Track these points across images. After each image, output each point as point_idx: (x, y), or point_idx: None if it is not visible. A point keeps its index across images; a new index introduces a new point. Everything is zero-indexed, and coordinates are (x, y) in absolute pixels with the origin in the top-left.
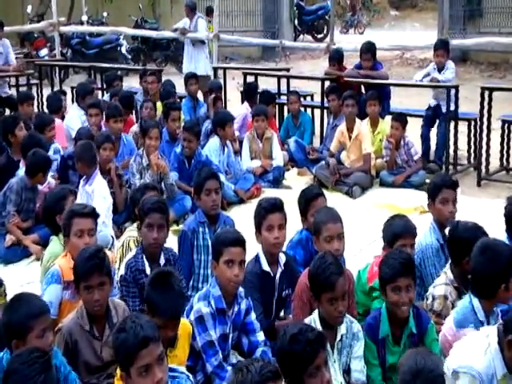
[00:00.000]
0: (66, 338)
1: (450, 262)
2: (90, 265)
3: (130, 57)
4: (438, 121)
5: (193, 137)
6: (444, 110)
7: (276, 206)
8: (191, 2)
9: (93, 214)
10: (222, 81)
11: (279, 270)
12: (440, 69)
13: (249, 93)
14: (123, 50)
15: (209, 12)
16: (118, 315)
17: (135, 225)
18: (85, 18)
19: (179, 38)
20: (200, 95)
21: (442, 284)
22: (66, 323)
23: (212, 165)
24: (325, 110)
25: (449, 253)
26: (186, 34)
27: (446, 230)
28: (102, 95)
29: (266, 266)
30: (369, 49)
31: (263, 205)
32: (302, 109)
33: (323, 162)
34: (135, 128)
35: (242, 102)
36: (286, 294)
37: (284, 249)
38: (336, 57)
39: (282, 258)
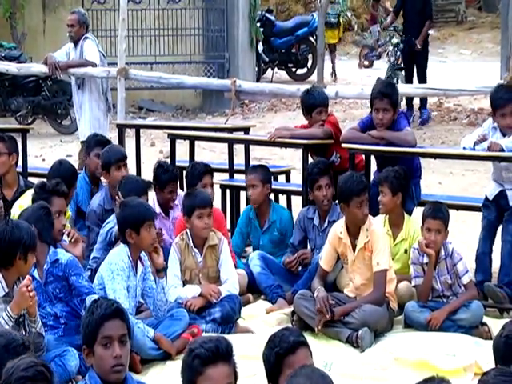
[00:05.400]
0: None
1: None
2: None
3: None
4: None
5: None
6: None
7: (220, 353)
8: (80, 11)
9: None
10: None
11: None
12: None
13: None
14: None
15: None
16: None
17: None
18: None
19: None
20: None
21: None
22: None
23: (76, 281)
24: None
25: None
26: (63, 70)
27: None
28: None
29: None
30: (387, 93)
31: (198, 351)
32: (271, 196)
33: (304, 291)
34: None
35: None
36: None
37: None
38: (320, 101)
39: None
